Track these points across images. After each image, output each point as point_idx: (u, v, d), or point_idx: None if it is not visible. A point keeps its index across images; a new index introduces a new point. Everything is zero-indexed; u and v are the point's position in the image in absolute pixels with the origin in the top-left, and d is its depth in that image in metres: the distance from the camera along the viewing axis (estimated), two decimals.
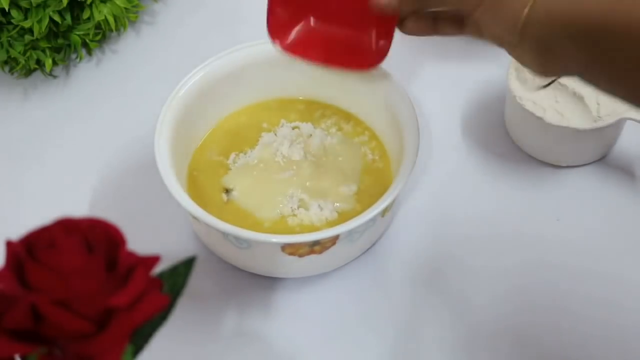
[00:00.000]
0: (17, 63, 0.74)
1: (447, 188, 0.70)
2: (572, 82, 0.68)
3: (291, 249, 0.59)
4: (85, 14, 0.73)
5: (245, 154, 0.68)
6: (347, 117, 0.70)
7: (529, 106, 0.68)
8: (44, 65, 0.75)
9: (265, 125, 0.69)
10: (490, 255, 0.66)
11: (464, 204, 0.69)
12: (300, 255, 0.60)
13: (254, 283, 0.64)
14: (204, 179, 0.66)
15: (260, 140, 0.68)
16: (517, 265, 0.65)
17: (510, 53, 0.54)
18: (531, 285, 0.64)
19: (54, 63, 0.75)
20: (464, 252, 0.66)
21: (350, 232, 0.59)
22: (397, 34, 0.61)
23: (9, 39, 0.72)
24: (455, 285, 0.64)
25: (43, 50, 0.74)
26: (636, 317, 0.60)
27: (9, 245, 0.36)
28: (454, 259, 0.66)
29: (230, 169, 0.67)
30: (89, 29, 0.75)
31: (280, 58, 0.68)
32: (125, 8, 0.75)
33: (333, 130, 0.69)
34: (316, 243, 0.59)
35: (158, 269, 0.38)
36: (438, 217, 0.68)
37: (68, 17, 0.73)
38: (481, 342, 0.61)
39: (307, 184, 0.65)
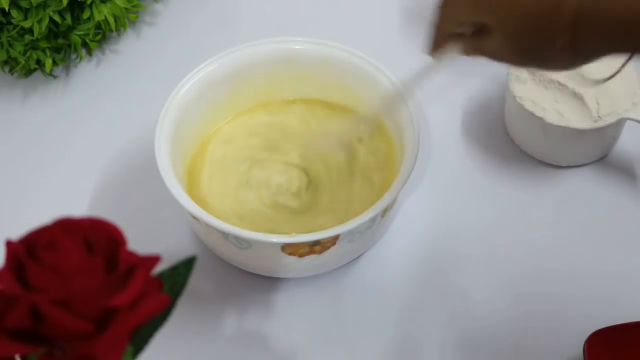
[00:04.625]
0: (17, 63, 0.74)
1: (447, 188, 0.70)
2: (572, 82, 0.68)
3: (291, 249, 0.59)
4: (85, 14, 0.73)
5: (245, 154, 0.68)
6: (347, 117, 0.70)
7: (529, 106, 0.68)
8: (44, 65, 0.75)
9: (265, 126, 0.69)
10: (490, 255, 0.66)
11: (464, 204, 0.69)
12: (300, 255, 0.60)
13: (254, 283, 0.64)
14: (204, 179, 0.66)
15: (261, 141, 0.68)
16: (517, 265, 0.65)
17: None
18: (531, 284, 0.64)
19: (54, 63, 0.75)
20: (464, 252, 0.66)
21: (350, 232, 0.59)
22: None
23: (9, 39, 0.72)
24: (455, 285, 0.64)
25: (43, 50, 0.74)
26: (637, 317, 0.60)
27: (9, 245, 0.36)
28: (454, 258, 0.66)
29: (230, 169, 0.67)
30: (89, 29, 0.75)
31: (280, 58, 0.68)
32: (126, 8, 0.75)
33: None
34: (316, 243, 0.59)
35: (158, 269, 0.38)
36: (438, 217, 0.68)
37: (68, 17, 0.73)
38: (481, 342, 0.61)
39: (307, 183, 0.65)
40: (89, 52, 0.79)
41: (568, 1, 0.45)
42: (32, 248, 0.36)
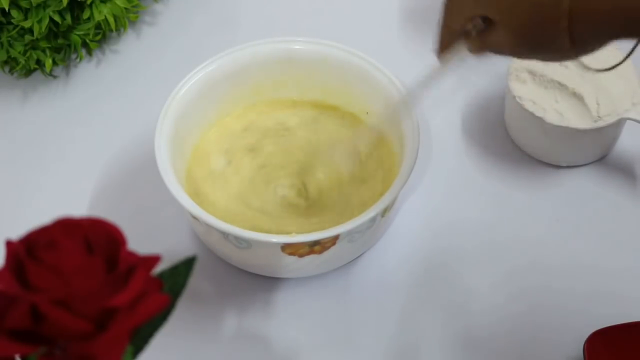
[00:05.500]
0: (17, 63, 0.74)
1: (447, 188, 0.70)
2: (572, 82, 0.68)
3: (291, 249, 0.59)
4: (86, 14, 0.73)
5: (245, 154, 0.68)
6: (347, 117, 0.70)
7: (529, 106, 0.68)
8: (44, 65, 0.75)
9: (265, 125, 0.69)
10: (490, 255, 0.66)
11: (464, 203, 0.69)
12: (300, 255, 0.60)
13: (254, 283, 0.64)
14: (204, 179, 0.66)
15: (261, 141, 0.68)
16: (517, 265, 0.65)
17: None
18: (530, 284, 0.64)
19: (54, 63, 0.75)
20: (463, 252, 0.66)
21: (350, 232, 0.59)
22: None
23: (9, 39, 0.72)
24: (455, 285, 0.64)
25: (43, 50, 0.74)
26: (637, 316, 0.60)
27: (9, 245, 0.36)
28: (454, 259, 0.66)
29: (230, 169, 0.67)
30: (89, 29, 0.75)
31: (280, 58, 0.68)
32: (126, 8, 0.75)
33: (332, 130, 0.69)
34: (316, 243, 0.59)
35: (158, 269, 0.38)
36: (438, 217, 0.68)
37: (68, 17, 0.73)
38: (482, 342, 0.61)
39: (308, 183, 0.65)
40: (89, 52, 0.79)
41: None
42: (32, 248, 0.36)
